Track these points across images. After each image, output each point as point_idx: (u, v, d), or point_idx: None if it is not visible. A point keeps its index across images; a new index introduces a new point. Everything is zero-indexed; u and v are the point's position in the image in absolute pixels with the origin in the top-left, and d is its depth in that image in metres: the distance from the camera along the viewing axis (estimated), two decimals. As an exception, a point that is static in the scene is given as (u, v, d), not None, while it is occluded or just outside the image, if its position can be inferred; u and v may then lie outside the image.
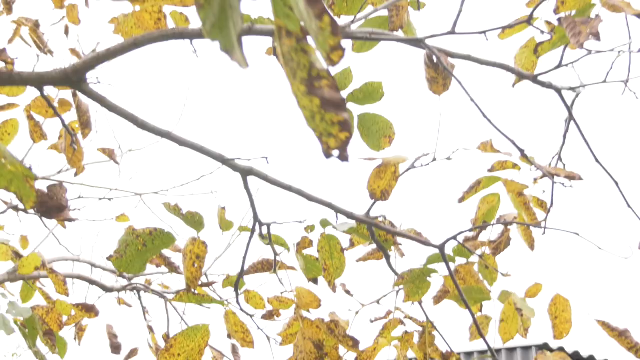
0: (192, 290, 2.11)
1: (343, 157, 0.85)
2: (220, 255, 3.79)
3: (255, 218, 1.98)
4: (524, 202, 2.39)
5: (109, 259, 1.95)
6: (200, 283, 3.54)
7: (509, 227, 2.57)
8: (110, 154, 3.25)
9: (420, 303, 2.37)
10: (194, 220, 2.00)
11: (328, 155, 0.84)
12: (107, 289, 3.26)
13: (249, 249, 2.01)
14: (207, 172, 3.58)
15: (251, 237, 2.02)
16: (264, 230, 2.02)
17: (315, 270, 2.29)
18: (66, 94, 2.27)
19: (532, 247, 2.51)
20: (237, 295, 2.11)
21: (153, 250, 1.99)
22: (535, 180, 2.54)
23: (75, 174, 2.89)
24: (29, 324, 2.53)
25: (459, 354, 2.28)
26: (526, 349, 7.41)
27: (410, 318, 2.47)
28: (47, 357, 3.30)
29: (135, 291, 3.37)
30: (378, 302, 2.48)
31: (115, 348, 3.74)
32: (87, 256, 3.43)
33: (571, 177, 2.03)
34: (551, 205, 2.37)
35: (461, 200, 2.35)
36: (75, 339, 3.71)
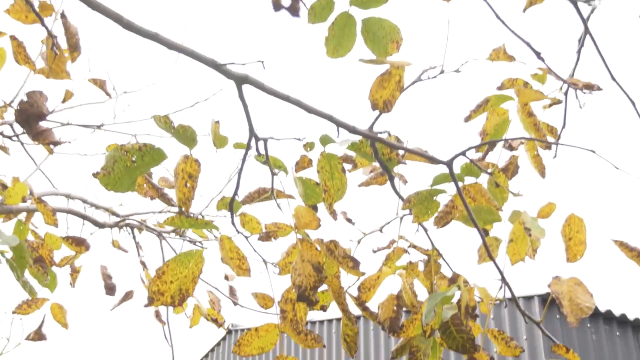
0: (185, 212, 1.99)
1: (294, 10, 0.72)
2: (217, 195, 3.67)
3: (251, 132, 1.85)
4: (534, 123, 2.27)
5: (95, 175, 1.82)
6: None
7: (516, 154, 2.45)
8: (101, 85, 3.12)
9: (425, 230, 2.26)
10: (186, 135, 1.87)
11: (277, 5, 0.72)
12: (99, 225, 3.15)
13: (244, 165, 1.89)
14: (201, 99, 3.44)
15: (246, 152, 1.90)
16: (260, 146, 1.90)
17: (314, 196, 2.17)
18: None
19: (542, 174, 2.39)
20: (232, 215, 1.98)
21: (143, 167, 1.86)
22: (545, 106, 2.41)
23: (64, 100, 2.76)
24: (17, 252, 2.41)
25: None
26: (528, 298, 7.32)
27: (415, 247, 2.36)
28: (39, 294, 3.20)
29: (128, 228, 3.26)
30: (381, 230, 2.36)
31: (110, 289, 3.65)
32: (79, 193, 3.32)
33: (589, 87, 1.91)
34: (564, 125, 2.25)
35: (467, 119, 2.23)
36: (70, 283, 3.61)
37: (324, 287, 2.26)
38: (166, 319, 3.08)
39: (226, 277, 3.93)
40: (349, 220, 2.35)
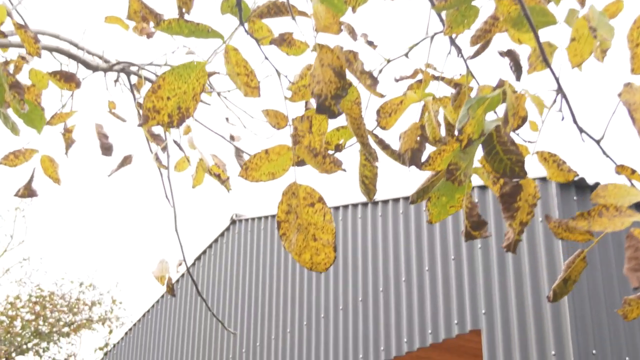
0: (185, 14, 1.70)
1: None
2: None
3: None
4: None
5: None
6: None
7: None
8: None
9: (459, 50, 1.98)
10: None
11: None
12: (92, 67, 2.86)
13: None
14: None
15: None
16: None
17: (332, 9, 1.87)
18: None
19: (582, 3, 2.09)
20: (241, 15, 1.68)
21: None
22: None
23: None
24: (-7, 79, 2.15)
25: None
26: (543, 179, 7.07)
27: (444, 79, 2.08)
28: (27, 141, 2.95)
29: (124, 73, 2.97)
30: (407, 55, 2.07)
31: (106, 149, 3.40)
32: (70, 35, 3.01)
33: None
34: None
35: None
36: (65, 152, 3.36)
37: (340, 122, 1.98)
38: (167, 164, 2.83)
39: (232, 137, 3.67)
40: (370, 44, 2.06)
